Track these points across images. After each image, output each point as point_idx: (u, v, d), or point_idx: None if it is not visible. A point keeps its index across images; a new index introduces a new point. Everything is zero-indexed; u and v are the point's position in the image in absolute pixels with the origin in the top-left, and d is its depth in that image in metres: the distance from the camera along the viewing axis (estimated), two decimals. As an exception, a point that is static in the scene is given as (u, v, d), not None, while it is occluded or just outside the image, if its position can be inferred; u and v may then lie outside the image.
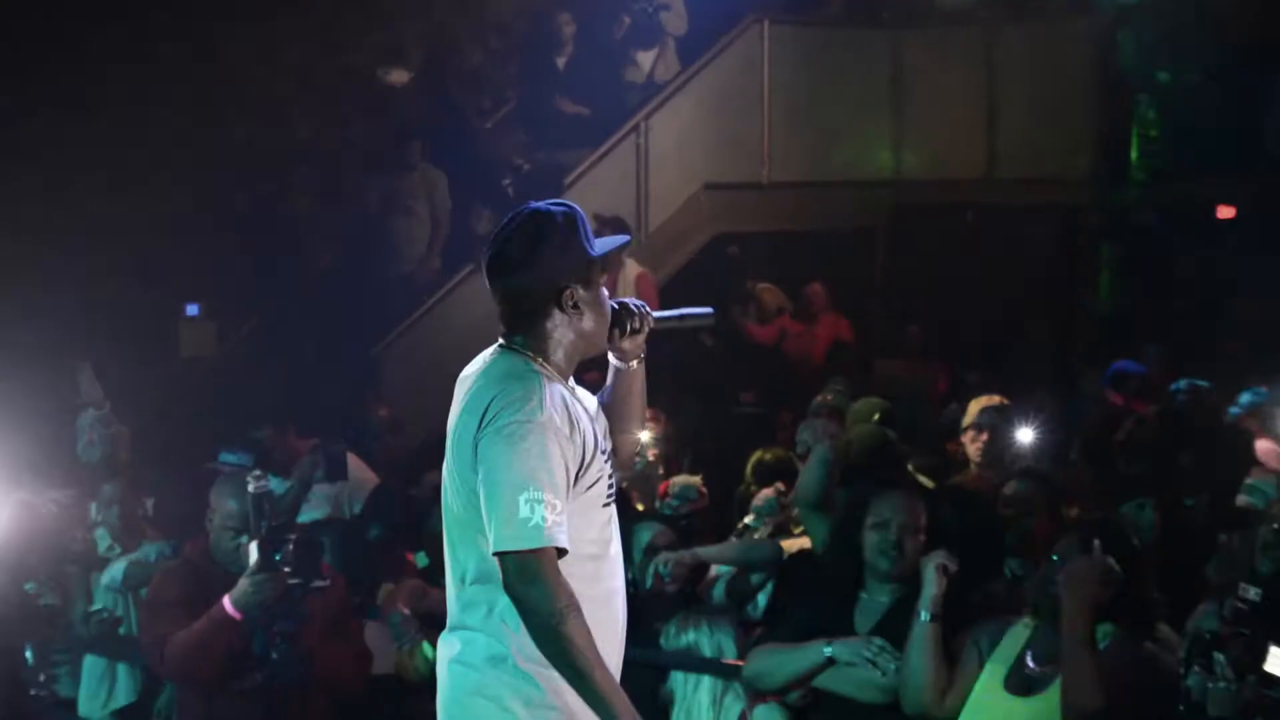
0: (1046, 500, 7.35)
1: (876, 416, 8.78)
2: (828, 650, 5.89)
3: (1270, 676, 5.10)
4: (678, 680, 6.44)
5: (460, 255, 13.31)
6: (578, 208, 4.64)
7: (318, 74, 15.05)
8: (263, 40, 14.59)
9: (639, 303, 4.73)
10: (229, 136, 14.23)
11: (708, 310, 5.07)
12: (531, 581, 4.27)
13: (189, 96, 13.84)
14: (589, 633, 4.32)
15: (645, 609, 6.43)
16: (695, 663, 6.44)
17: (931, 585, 5.78)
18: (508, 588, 4.32)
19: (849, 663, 5.86)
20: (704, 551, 7.30)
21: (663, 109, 14.80)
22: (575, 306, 4.53)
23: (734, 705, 6.33)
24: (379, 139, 14.78)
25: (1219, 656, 5.17)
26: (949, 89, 16.14)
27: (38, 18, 12.73)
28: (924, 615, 5.75)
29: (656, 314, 4.76)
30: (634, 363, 4.79)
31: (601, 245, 4.62)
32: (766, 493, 8.04)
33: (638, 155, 14.60)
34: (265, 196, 14.46)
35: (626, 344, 4.70)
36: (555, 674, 4.35)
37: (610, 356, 4.74)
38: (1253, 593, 5.27)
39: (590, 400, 4.69)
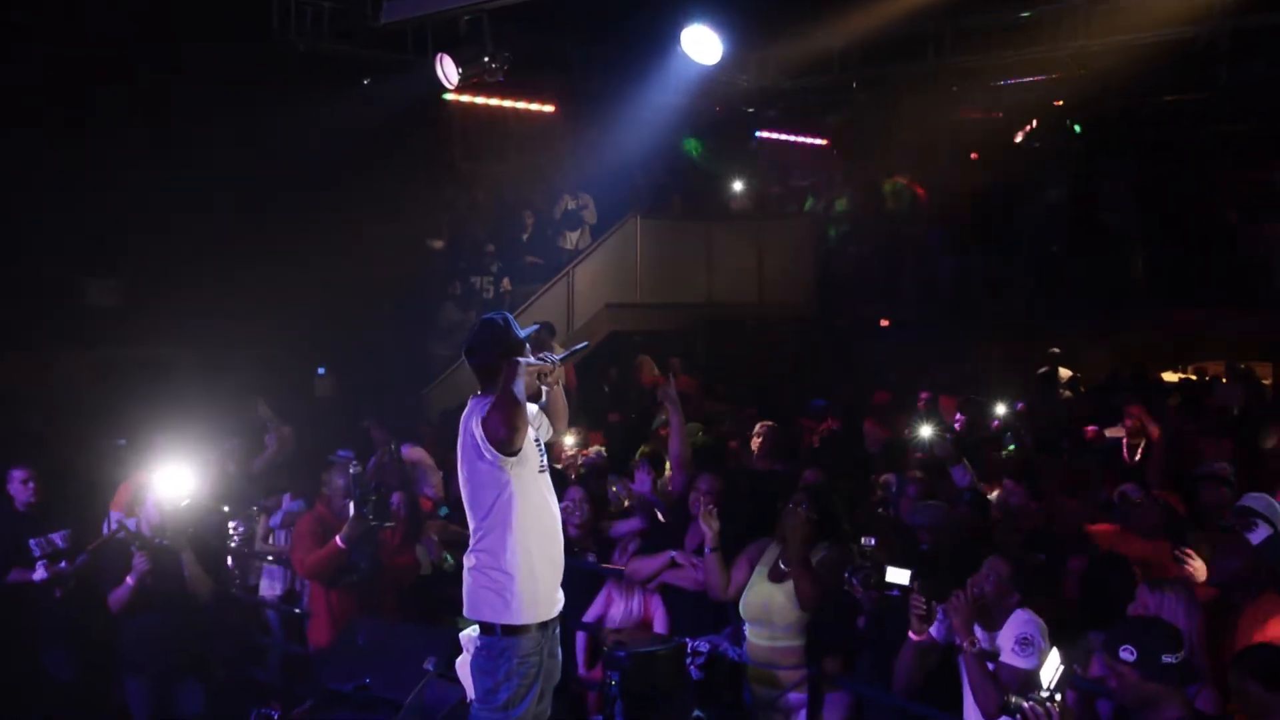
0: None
1: (700, 433, 8.80)
2: (672, 554, 5.93)
3: (891, 583, 5.18)
4: None
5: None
6: (509, 314, 4.60)
7: (390, 240, 14.91)
8: (365, 225, 14.47)
9: (550, 356, 4.62)
10: (338, 276, 13.94)
11: (584, 344, 5.17)
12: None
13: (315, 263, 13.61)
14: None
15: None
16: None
17: (708, 531, 5.66)
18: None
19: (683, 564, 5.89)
20: None
21: (582, 264, 14.71)
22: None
23: None
24: (426, 278, 14.71)
25: (853, 578, 5.23)
26: (737, 254, 16.13)
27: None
28: (705, 550, 5.67)
29: (557, 358, 4.65)
30: (556, 387, 4.68)
31: (524, 332, 4.55)
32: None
33: (568, 288, 14.49)
34: (358, 307, 14.25)
35: (548, 379, 4.61)
36: (513, 576, 4.34)
37: (543, 388, 4.65)
38: (864, 541, 5.27)
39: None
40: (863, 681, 5.44)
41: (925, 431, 8.19)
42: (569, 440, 8.73)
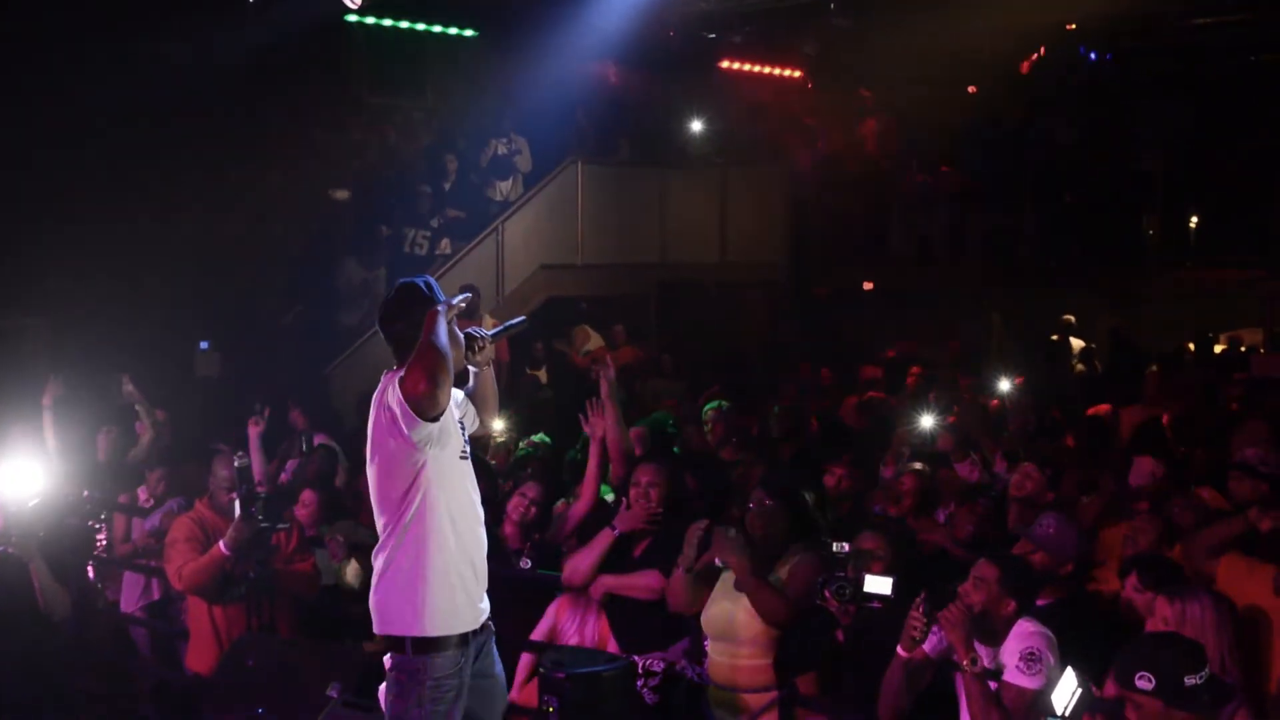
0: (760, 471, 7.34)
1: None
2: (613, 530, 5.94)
3: (870, 594, 5.17)
4: None
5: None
6: (430, 277, 4.54)
7: (289, 192, 14.73)
8: (255, 173, 14.30)
9: (480, 330, 4.58)
10: (223, 232, 13.66)
11: (522, 319, 5.03)
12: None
13: (195, 217, 13.38)
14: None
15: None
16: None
17: (691, 550, 5.54)
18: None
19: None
20: None
21: (514, 217, 14.63)
22: None
23: None
24: (333, 235, 14.53)
25: (825, 590, 5.16)
26: (696, 207, 16.19)
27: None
28: (682, 570, 5.59)
29: (490, 333, 4.63)
30: (485, 369, 4.67)
31: (451, 300, 4.46)
32: None
33: (497, 246, 14.43)
34: (251, 272, 14.10)
35: (478, 358, 4.57)
36: (425, 580, 4.32)
37: (470, 367, 4.61)
38: (835, 547, 5.19)
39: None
40: (842, 704, 5.42)
41: (925, 421, 8.18)
42: (497, 425, 8.69)
